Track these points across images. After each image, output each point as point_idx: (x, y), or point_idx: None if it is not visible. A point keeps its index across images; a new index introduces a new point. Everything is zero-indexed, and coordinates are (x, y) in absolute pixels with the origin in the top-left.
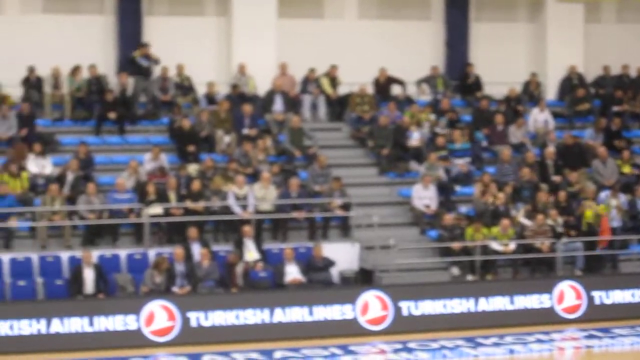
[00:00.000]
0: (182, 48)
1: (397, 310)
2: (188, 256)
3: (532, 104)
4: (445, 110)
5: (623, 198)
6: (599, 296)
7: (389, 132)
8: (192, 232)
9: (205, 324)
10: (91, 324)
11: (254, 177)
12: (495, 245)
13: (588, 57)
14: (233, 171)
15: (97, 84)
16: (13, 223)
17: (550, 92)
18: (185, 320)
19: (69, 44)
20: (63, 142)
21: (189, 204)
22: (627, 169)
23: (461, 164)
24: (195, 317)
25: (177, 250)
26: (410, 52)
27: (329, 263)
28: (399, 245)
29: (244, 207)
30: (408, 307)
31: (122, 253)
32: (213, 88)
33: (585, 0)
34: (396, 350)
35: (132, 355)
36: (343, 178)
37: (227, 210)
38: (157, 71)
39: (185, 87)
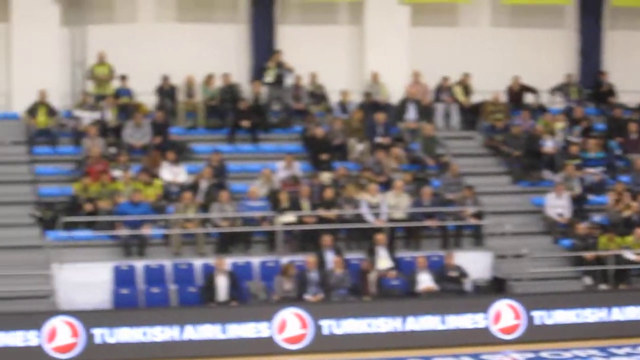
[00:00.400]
0: (315, 56)
1: (530, 319)
2: (321, 264)
3: None
4: (578, 118)
5: None
6: None
7: (521, 140)
8: (326, 240)
9: (338, 331)
10: (224, 331)
11: (386, 186)
12: (628, 255)
13: None
14: (366, 179)
15: (230, 92)
16: (147, 230)
17: None
18: (318, 328)
19: (203, 52)
20: (196, 150)
21: (321, 212)
22: None
23: (595, 172)
24: (328, 325)
25: (310, 258)
26: (544, 60)
27: (463, 274)
28: (531, 254)
29: (377, 216)
30: (540, 316)
31: (255, 261)
32: (346, 96)
33: None
34: None
35: None
36: (475, 186)
37: (359, 218)
38: (290, 80)
39: (318, 96)
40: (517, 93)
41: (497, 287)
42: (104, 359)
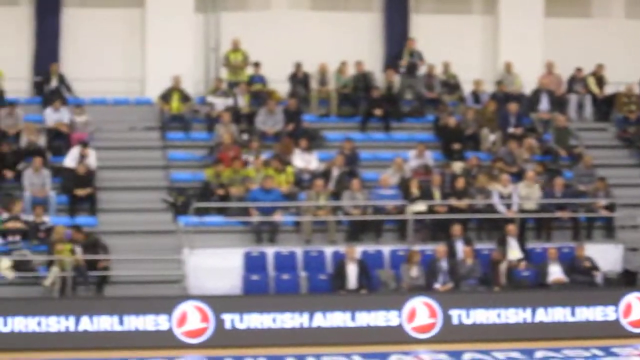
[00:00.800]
0: (448, 46)
1: None
2: (451, 253)
3: None
4: None
5: None
6: None
7: None
8: (456, 229)
9: (467, 321)
10: (353, 319)
11: (518, 176)
12: None
13: None
14: (498, 170)
15: (363, 80)
16: (278, 217)
17: None
18: (447, 318)
19: (336, 40)
20: (329, 138)
21: (452, 201)
22: None
23: None
24: (457, 315)
25: (440, 248)
26: None
27: (594, 268)
28: None
29: (508, 206)
30: None
31: (386, 249)
32: (479, 86)
33: None
34: None
35: (394, 350)
36: (608, 178)
37: (491, 208)
38: (423, 69)
39: (451, 85)
40: None
41: (627, 280)
42: (233, 344)
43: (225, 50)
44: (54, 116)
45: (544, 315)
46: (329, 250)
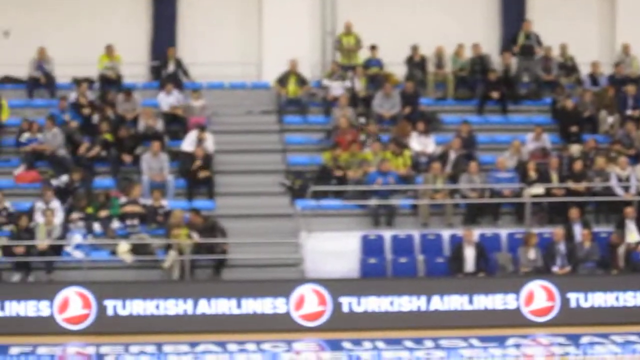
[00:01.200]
0: (566, 28)
1: None
2: (569, 236)
3: None
4: None
5: None
6: None
7: None
8: (574, 212)
9: (585, 305)
10: (471, 302)
11: (636, 158)
12: None
13: None
14: (616, 152)
15: (480, 63)
16: (396, 200)
17: None
18: (565, 301)
19: (453, 23)
20: (445, 121)
21: (570, 184)
22: None
23: None
24: (575, 298)
25: (557, 231)
26: None
27: None
28: None
29: (626, 189)
30: None
31: (503, 232)
32: (597, 68)
33: None
34: None
35: (512, 334)
36: None
37: (609, 191)
38: (540, 51)
39: (568, 67)
40: None
41: None
42: (350, 327)
43: (338, 33)
44: (167, 99)
45: None
46: (446, 234)
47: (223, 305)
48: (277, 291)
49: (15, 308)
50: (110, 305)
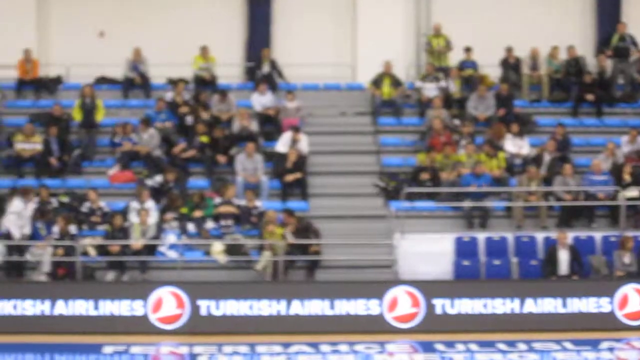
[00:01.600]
0: None
1: None
2: None
3: None
4: None
5: None
6: None
7: None
8: None
9: None
10: (564, 305)
11: None
12: None
13: None
14: None
15: (575, 65)
16: (490, 203)
17: None
18: None
19: (547, 25)
20: (540, 123)
21: None
22: None
23: None
24: None
25: None
26: None
27: None
28: None
29: None
30: None
31: (597, 235)
32: None
33: None
34: None
35: (606, 337)
36: None
37: None
38: (635, 53)
39: None
40: None
41: None
42: (443, 329)
43: (427, 35)
44: (260, 100)
45: None
46: (540, 236)
47: (316, 306)
48: (371, 292)
49: (109, 307)
50: (204, 305)
